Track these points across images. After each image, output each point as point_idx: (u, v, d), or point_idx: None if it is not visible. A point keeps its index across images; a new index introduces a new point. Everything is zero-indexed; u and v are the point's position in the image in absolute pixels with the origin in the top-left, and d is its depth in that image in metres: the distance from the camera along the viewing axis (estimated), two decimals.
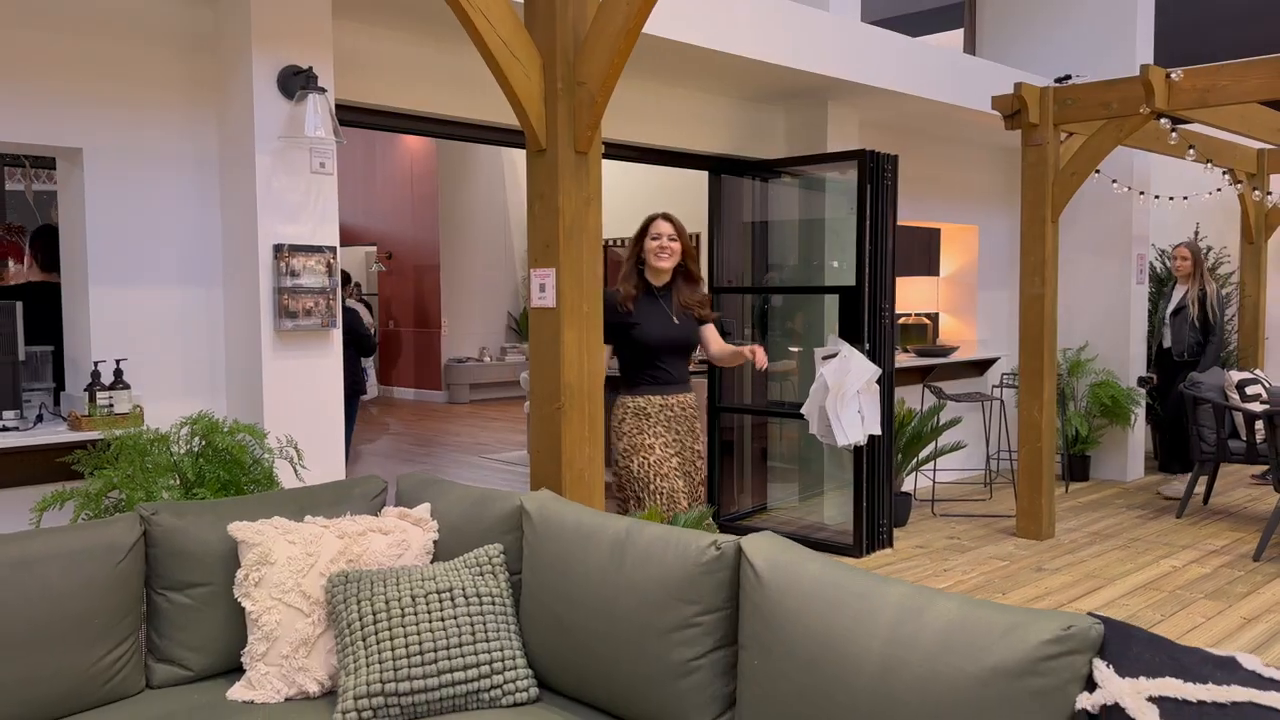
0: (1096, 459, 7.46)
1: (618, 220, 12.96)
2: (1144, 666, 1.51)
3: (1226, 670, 1.47)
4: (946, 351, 6.94)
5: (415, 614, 2.29)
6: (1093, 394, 7.22)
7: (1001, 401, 6.84)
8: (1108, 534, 5.81)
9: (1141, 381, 7.02)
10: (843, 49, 5.24)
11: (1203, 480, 6.46)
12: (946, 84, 5.87)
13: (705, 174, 5.90)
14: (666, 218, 3.88)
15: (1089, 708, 1.53)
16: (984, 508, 6.47)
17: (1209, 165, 6.65)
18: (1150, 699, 1.46)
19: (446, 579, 2.39)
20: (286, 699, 2.31)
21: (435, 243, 12.63)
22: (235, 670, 2.46)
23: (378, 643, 2.24)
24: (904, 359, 6.60)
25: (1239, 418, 6.12)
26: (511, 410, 11.84)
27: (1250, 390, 6.01)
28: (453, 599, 2.35)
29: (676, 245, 3.84)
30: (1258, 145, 7.54)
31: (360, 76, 4.06)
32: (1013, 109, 5.60)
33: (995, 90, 6.04)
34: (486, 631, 2.32)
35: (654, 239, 3.84)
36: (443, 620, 2.30)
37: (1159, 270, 8.14)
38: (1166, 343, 6.84)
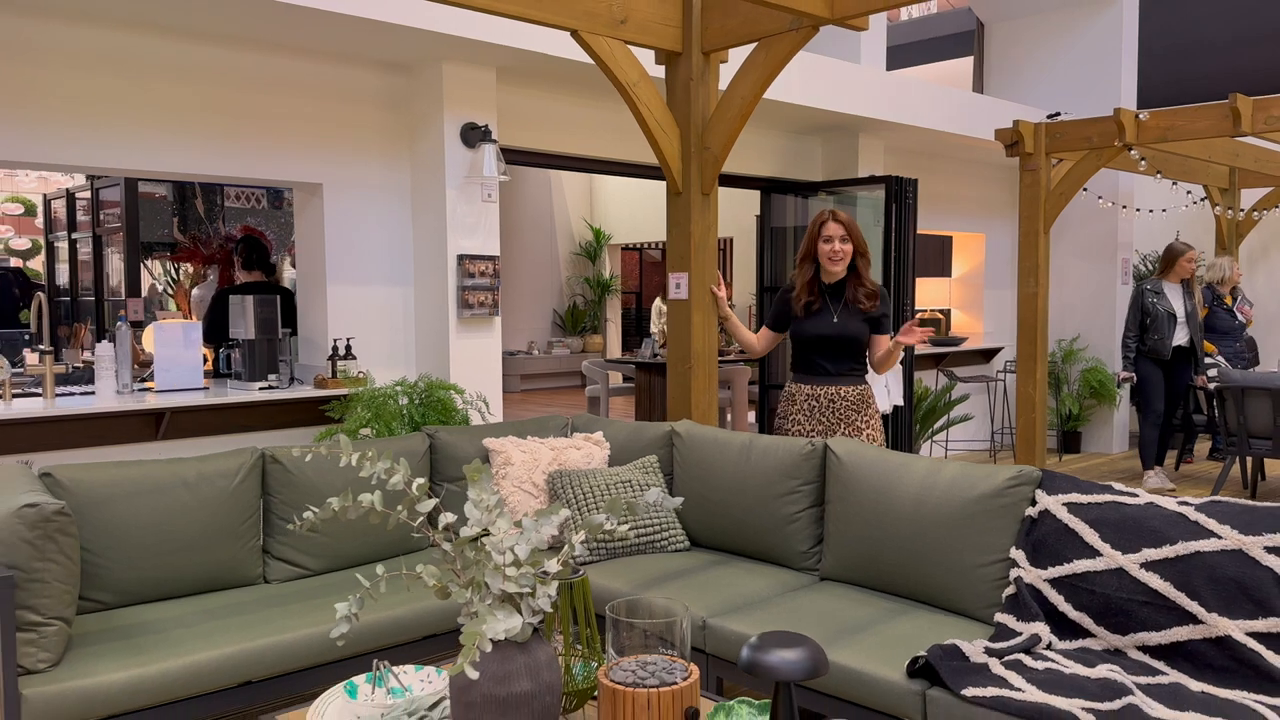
0: (1087, 434, 8.69)
1: (650, 225, 14.40)
2: (1061, 489, 2.75)
3: (1105, 489, 2.71)
4: (957, 341, 8.19)
5: (608, 494, 3.55)
6: (1084, 379, 8.47)
7: (1004, 384, 8.06)
8: None
9: (1121, 382, 7.25)
10: (871, 94, 6.48)
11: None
12: (956, 119, 7.11)
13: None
14: (837, 219, 3.73)
15: (1032, 514, 2.77)
16: None
17: (1175, 184, 7.86)
18: (1063, 504, 2.70)
19: (624, 475, 3.64)
20: None
21: None
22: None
23: (588, 510, 3.50)
24: (921, 347, 7.84)
25: (1202, 395, 7.35)
26: (561, 397, 13.06)
27: (1211, 373, 7.22)
28: (630, 486, 3.60)
29: (849, 248, 3.72)
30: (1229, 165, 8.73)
31: (519, 126, 5.31)
32: (1011, 140, 6.83)
33: (998, 123, 7.26)
34: (655, 506, 3.57)
35: (826, 241, 3.73)
36: (625, 498, 3.55)
37: (1143, 270, 9.32)
38: (1179, 340, 6.94)
